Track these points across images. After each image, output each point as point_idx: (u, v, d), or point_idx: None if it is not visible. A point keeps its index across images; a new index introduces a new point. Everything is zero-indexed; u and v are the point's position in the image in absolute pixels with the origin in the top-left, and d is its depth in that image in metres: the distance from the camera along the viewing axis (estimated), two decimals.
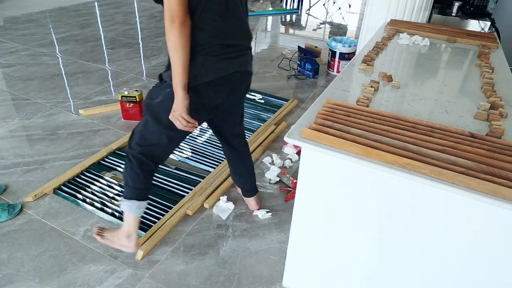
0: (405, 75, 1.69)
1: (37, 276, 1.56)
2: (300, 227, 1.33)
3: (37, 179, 2.11)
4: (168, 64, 1.27)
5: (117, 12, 5.97)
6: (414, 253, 1.13)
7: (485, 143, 1.07)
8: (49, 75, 3.49)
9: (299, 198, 1.25)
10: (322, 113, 1.20)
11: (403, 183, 1.01)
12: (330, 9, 7.22)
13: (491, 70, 1.68)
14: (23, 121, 2.70)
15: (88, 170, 2.19)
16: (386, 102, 1.38)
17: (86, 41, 4.48)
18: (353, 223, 1.20)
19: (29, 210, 1.90)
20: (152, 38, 4.73)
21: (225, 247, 1.73)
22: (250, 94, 3.24)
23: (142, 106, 1.43)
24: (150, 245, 1.69)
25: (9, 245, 1.70)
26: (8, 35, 4.58)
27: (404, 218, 1.09)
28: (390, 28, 2.33)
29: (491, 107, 1.33)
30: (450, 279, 1.11)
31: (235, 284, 1.56)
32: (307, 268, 1.43)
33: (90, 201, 1.95)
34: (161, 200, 1.97)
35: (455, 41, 2.17)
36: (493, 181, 0.91)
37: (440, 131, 1.13)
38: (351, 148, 1.03)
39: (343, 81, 1.56)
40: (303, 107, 3.09)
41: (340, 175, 1.12)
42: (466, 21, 2.97)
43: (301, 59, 3.73)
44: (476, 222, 0.98)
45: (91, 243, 1.72)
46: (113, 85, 3.35)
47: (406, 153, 1.01)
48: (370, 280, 1.30)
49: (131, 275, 1.58)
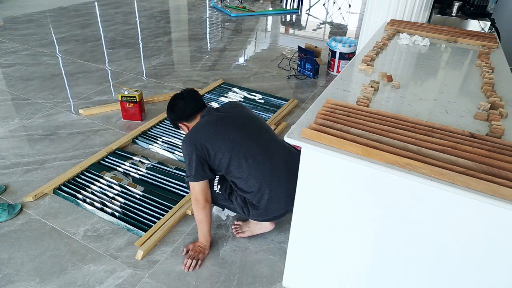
0: (405, 75, 1.69)
1: (37, 276, 1.56)
2: (300, 227, 1.33)
3: (37, 179, 2.11)
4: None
5: (117, 12, 5.97)
6: (414, 253, 1.13)
7: (485, 143, 1.07)
8: (49, 75, 3.49)
9: (299, 198, 1.25)
10: (322, 113, 1.20)
11: (403, 183, 1.01)
12: (330, 9, 7.22)
13: (491, 70, 1.68)
14: (23, 121, 2.70)
15: (88, 170, 2.19)
16: (386, 102, 1.38)
17: (86, 41, 4.48)
18: (353, 223, 1.20)
19: (29, 210, 1.90)
20: (152, 38, 4.73)
21: (225, 247, 1.73)
22: (250, 94, 3.24)
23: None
24: (150, 245, 1.69)
25: (9, 245, 1.70)
26: (8, 35, 4.58)
27: (404, 218, 1.09)
28: (390, 28, 2.33)
29: (491, 107, 1.33)
30: (450, 279, 1.11)
31: (235, 284, 1.56)
32: (307, 268, 1.43)
33: (90, 201, 1.95)
34: (161, 200, 1.97)
35: (455, 41, 2.17)
36: (493, 181, 0.91)
37: (440, 131, 1.13)
38: (351, 148, 1.03)
39: (343, 81, 1.56)
40: (303, 107, 3.09)
41: (340, 175, 1.12)
42: (466, 21, 2.97)
43: (301, 59, 3.73)
44: (476, 222, 0.97)
45: (91, 243, 1.72)
46: (113, 85, 3.35)
47: (406, 153, 1.01)
48: (370, 280, 1.30)
49: (131, 275, 1.58)
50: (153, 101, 3.07)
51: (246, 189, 1.53)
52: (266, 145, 1.57)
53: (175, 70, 3.79)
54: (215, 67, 3.90)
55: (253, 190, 1.51)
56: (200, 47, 4.53)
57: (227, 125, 1.55)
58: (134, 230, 1.78)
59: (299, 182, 1.22)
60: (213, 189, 1.60)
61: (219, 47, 4.58)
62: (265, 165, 1.52)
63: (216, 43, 4.74)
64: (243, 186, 1.53)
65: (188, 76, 3.64)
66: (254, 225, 1.77)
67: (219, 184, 1.60)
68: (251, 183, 1.51)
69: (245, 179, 1.51)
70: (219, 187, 1.60)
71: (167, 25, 5.47)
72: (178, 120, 1.68)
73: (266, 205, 1.53)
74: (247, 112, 1.67)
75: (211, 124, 1.55)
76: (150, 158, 2.32)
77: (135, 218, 1.86)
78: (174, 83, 3.45)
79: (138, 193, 2.03)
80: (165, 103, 3.05)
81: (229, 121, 1.57)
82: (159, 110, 2.94)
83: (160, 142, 2.51)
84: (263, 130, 1.63)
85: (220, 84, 3.44)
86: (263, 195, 1.51)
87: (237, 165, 1.50)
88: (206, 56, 4.21)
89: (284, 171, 1.54)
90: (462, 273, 1.08)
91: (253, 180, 1.50)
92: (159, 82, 3.48)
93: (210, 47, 4.55)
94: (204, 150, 1.50)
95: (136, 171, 2.21)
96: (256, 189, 1.51)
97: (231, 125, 1.56)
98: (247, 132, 1.56)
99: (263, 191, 1.51)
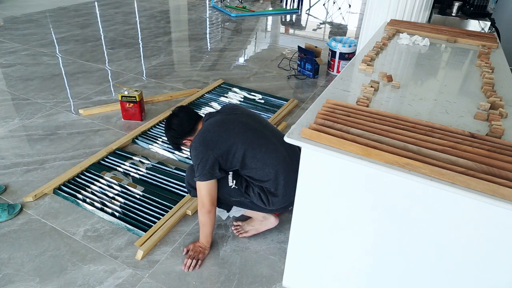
0: (405, 75, 1.69)
1: (37, 276, 1.56)
2: (300, 227, 1.33)
3: (37, 179, 2.11)
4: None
5: (117, 12, 5.97)
6: (414, 253, 1.13)
7: (485, 143, 1.07)
8: (49, 75, 3.49)
9: (299, 198, 1.25)
10: (322, 113, 1.20)
11: (403, 183, 1.01)
12: (330, 9, 7.22)
13: (491, 70, 1.68)
14: (23, 121, 2.70)
15: (88, 170, 2.19)
16: (386, 102, 1.38)
17: (86, 41, 4.48)
18: (352, 223, 1.20)
19: (29, 210, 1.90)
20: (152, 38, 4.73)
21: (225, 247, 1.73)
22: (250, 94, 3.24)
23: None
24: (150, 245, 1.69)
25: (9, 245, 1.70)
26: (8, 35, 4.58)
27: (404, 218, 1.09)
28: (390, 28, 2.33)
29: (491, 107, 1.33)
30: (450, 279, 1.11)
31: (235, 284, 1.56)
32: (307, 268, 1.43)
33: (90, 201, 1.95)
34: (161, 200, 1.97)
35: (455, 41, 2.17)
36: (493, 181, 0.91)
37: (440, 131, 1.13)
38: (351, 148, 1.03)
39: (343, 81, 1.56)
40: (303, 107, 3.09)
41: (340, 175, 1.12)
42: (466, 21, 2.97)
43: (301, 59, 3.72)
44: (476, 222, 0.97)
45: (91, 243, 1.72)
46: (113, 85, 3.35)
47: (406, 153, 1.01)
48: (370, 280, 1.30)
49: (131, 275, 1.58)
50: (153, 101, 3.07)
51: (264, 178, 1.55)
52: (273, 136, 1.62)
53: (175, 70, 3.79)
54: (215, 67, 3.90)
55: (270, 177, 1.54)
56: (200, 47, 4.53)
57: (233, 123, 1.58)
58: (134, 230, 1.78)
59: (299, 182, 1.21)
60: (228, 185, 1.61)
61: (219, 47, 4.58)
62: (277, 151, 1.56)
63: (216, 43, 4.74)
64: (261, 176, 1.55)
65: (188, 76, 3.64)
66: (259, 222, 1.78)
67: (234, 179, 1.61)
68: (267, 171, 1.54)
69: (261, 168, 1.54)
70: (235, 182, 1.60)
71: (167, 25, 5.47)
72: (180, 137, 1.66)
73: (284, 190, 1.56)
74: (248, 111, 1.70)
75: (218, 124, 1.57)
76: (150, 158, 2.32)
77: (135, 218, 1.86)
78: (174, 83, 3.45)
79: (138, 193, 2.03)
80: (165, 103, 3.06)
81: (234, 119, 1.60)
82: (159, 110, 2.94)
83: (160, 142, 2.51)
84: (266, 124, 1.68)
85: (220, 84, 3.44)
86: (279, 181, 1.55)
87: (252, 156, 1.52)
88: (206, 56, 4.21)
89: (292, 158, 1.58)
90: (462, 273, 1.08)
91: (269, 168, 1.53)
92: (159, 82, 3.48)
93: (210, 47, 4.55)
94: (216, 148, 1.51)
95: (136, 171, 2.21)
96: (273, 176, 1.54)
97: (237, 122, 1.58)
98: (253, 127, 1.59)
99: (279, 177, 1.54)
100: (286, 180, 1.55)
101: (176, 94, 3.19)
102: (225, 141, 1.51)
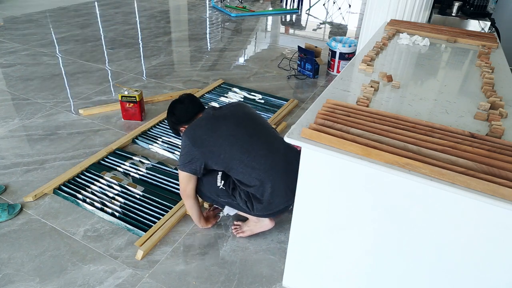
0: (405, 75, 1.69)
1: (37, 276, 1.56)
2: (300, 227, 1.33)
3: (37, 179, 2.11)
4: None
5: (117, 12, 5.97)
6: (414, 253, 1.13)
7: (485, 143, 1.07)
8: (49, 75, 3.49)
9: (299, 198, 1.25)
10: (322, 113, 1.20)
11: (403, 183, 1.01)
12: (330, 9, 7.22)
13: (491, 70, 1.68)
14: (23, 121, 2.70)
15: (88, 170, 2.19)
16: (386, 102, 1.38)
17: (86, 41, 4.48)
18: (352, 223, 1.20)
19: (29, 210, 1.90)
20: (152, 38, 4.73)
21: (225, 247, 1.73)
22: (250, 94, 3.24)
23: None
24: (150, 245, 1.69)
25: (9, 245, 1.70)
26: (8, 35, 4.58)
27: (404, 218, 1.09)
28: (390, 28, 2.33)
29: (491, 107, 1.33)
30: (450, 279, 1.11)
31: (235, 284, 1.56)
32: (307, 268, 1.43)
33: (90, 201, 1.95)
34: (161, 200, 1.97)
35: (455, 41, 2.17)
36: (493, 181, 0.91)
37: (440, 131, 1.13)
38: (351, 148, 1.03)
39: (343, 81, 1.56)
40: (303, 107, 3.09)
41: (340, 175, 1.12)
42: (466, 21, 2.97)
43: (301, 59, 3.72)
44: (476, 222, 0.97)
45: (91, 243, 1.72)
46: (113, 85, 3.35)
47: (406, 153, 1.01)
48: (370, 280, 1.30)
49: (131, 275, 1.58)
50: (153, 101, 3.07)
51: (249, 183, 1.54)
52: (266, 140, 1.59)
53: (175, 70, 3.79)
54: (215, 67, 3.90)
55: (256, 184, 1.53)
56: (200, 47, 4.53)
57: (225, 122, 1.57)
58: (134, 230, 1.78)
59: (299, 182, 1.21)
60: (216, 185, 1.61)
61: (219, 47, 4.58)
62: (267, 158, 1.54)
63: (216, 43, 4.74)
64: (246, 181, 1.54)
65: (188, 76, 3.64)
66: (254, 223, 1.77)
67: (222, 180, 1.61)
68: (254, 176, 1.52)
69: (248, 173, 1.53)
70: (223, 183, 1.61)
71: (167, 25, 5.47)
72: (179, 124, 1.70)
73: (269, 198, 1.55)
74: (247, 110, 1.69)
75: (210, 122, 1.58)
76: (150, 158, 2.32)
77: (135, 218, 1.86)
78: (174, 83, 3.45)
79: (138, 193, 2.03)
80: (165, 103, 3.05)
81: (227, 118, 1.59)
82: (159, 110, 2.94)
83: (160, 142, 2.51)
84: (263, 127, 1.65)
85: (220, 84, 3.44)
86: (266, 188, 1.53)
87: (238, 160, 1.52)
88: (206, 56, 4.21)
89: (284, 166, 1.56)
90: (462, 273, 1.08)
91: (255, 173, 1.52)
92: (159, 82, 3.48)
93: (210, 47, 4.55)
94: (203, 146, 1.52)
95: (136, 171, 2.21)
96: (259, 183, 1.53)
97: (229, 122, 1.58)
98: (246, 129, 1.58)
99: (265, 184, 1.53)
100: (274, 189, 1.53)
101: (176, 94, 3.18)
102: (214, 143, 1.52)
